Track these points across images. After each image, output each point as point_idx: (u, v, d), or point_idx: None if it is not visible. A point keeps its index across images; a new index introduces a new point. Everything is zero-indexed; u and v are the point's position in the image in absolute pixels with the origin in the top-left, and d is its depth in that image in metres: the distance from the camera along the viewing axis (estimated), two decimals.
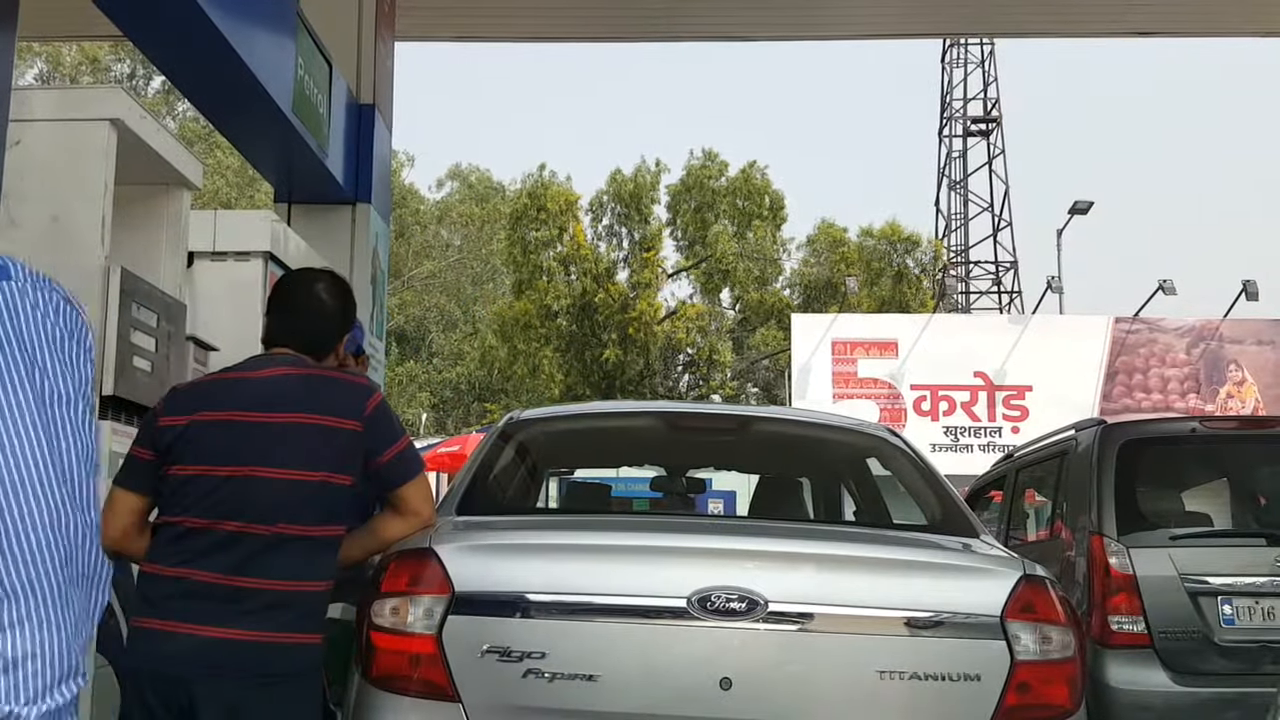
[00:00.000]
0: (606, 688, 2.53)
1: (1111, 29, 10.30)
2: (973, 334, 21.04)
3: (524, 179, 31.96)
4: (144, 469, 2.59)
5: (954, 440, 19.82)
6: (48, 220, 3.60)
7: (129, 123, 3.73)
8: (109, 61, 32.50)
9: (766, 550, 2.74)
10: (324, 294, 2.79)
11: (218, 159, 30.39)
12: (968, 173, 35.70)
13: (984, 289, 35.19)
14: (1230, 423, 8.19)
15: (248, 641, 2.43)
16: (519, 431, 3.76)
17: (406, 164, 38.16)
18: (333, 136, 6.85)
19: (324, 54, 6.59)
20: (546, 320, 28.66)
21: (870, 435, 4.13)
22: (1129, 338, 20.27)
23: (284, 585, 2.48)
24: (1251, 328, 20.51)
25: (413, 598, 2.59)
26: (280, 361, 2.68)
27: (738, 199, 31.24)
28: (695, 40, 11.90)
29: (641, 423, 4.42)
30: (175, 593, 2.46)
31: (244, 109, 5.83)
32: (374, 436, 2.61)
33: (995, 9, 10.22)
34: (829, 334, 20.48)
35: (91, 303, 3.58)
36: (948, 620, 2.59)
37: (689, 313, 30.41)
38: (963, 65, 35.67)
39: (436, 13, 9.58)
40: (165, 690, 2.41)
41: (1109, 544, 4.42)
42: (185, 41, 4.99)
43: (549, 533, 3.07)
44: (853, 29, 10.60)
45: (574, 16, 9.96)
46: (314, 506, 2.53)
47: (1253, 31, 10.22)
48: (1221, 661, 4.29)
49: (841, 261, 31.24)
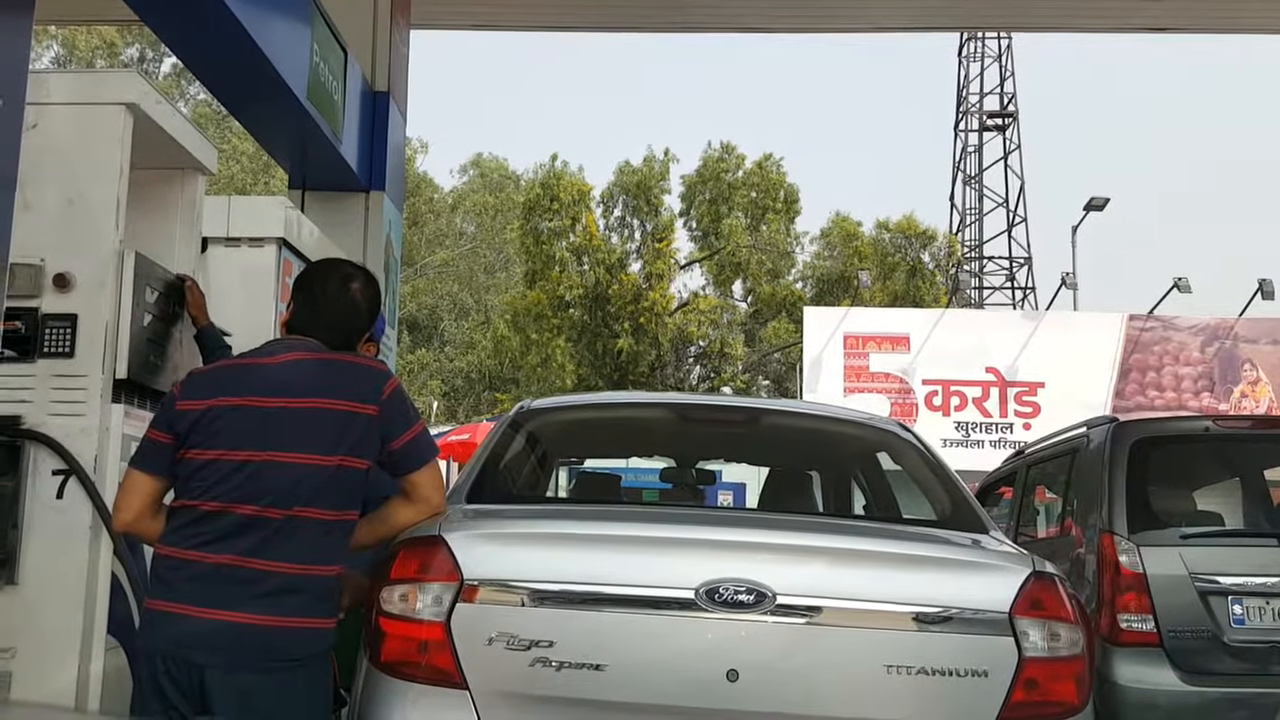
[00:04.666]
0: (614, 677, 2.54)
1: (1128, 24, 10.26)
2: (985, 329, 20.96)
3: (536, 169, 31.97)
4: (160, 452, 2.60)
5: (965, 436, 19.76)
6: (63, 204, 3.61)
7: (144, 107, 3.73)
8: (120, 45, 32.55)
9: (775, 543, 2.73)
10: (359, 294, 2.78)
11: (233, 145, 30.46)
12: (983, 168, 35.58)
13: (998, 284, 35.09)
14: (1244, 422, 8.14)
15: (259, 625, 2.44)
16: (529, 421, 3.76)
17: (421, 151, 38.18)
18: (347, 124, 6.86)
19: (339, 41, 6.60)
20: (559, 311, 28.67)
21: (881, 429, 4.12)
22: (1143, 335, 20.17)
23: (296, 569, 2.49)
24: (1266, 327, 20.39)
25: (422, 585, 2.60)
26: (297, 346, 2.69)
27: (752, 192, 31.18)
28: (710, 31, 11.86)
29: (652, 414, 4.42)
30: (189, 576, 2.47)
31: (260, 96, 5.85)
32: (389, 421, 2.62)
33: (1012, 3, 10.19)
34: (841, 328, 20.43)
35: (105, 287, 3.59)
36: (956, 616, 2.59)
37: (701, 305, 30.38)
38: (979, 60, 35.52)
39: (451, 1, 9.58)
40: (177, 672, 2.42)
41: (1119, 542, 4.40)
42: (202, 28, 5.01)
43: (558, 522, 3.08)
44: (869, 21, 10.56)
45: (588, 6, 9.95)
46: (331, 491, 2.54)
47: (1270, 29, 10.16)
48: (1231, 661, 4.28)
49: (855, 255, 31.16)
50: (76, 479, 3.48)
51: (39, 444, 3.50)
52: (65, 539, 3.46)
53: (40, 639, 3.39)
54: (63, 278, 3.57)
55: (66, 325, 3.56)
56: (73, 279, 3.58)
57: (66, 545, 3.46)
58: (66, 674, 3.38)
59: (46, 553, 3.45)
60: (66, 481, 3.49)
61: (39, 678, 3.36)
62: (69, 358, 3.56)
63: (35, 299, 3.56)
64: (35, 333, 3.55)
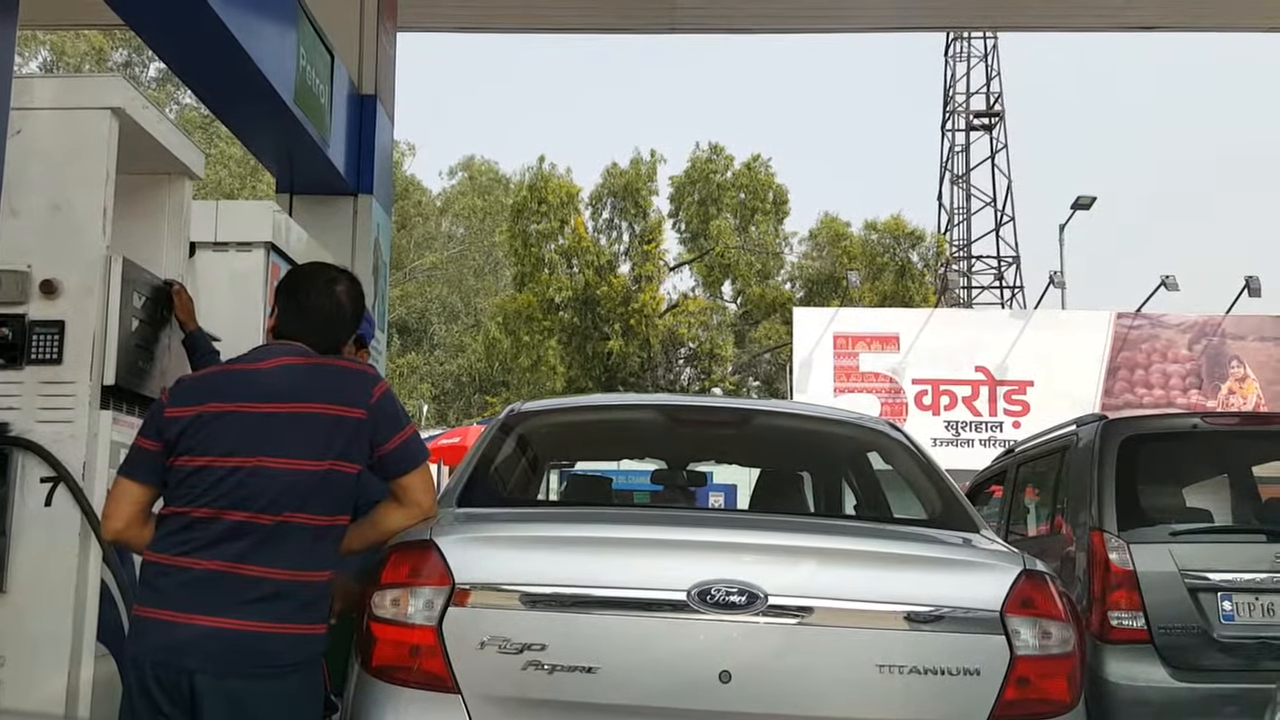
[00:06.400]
0: (606, 680, 2.54)
1: (1114, 23, 10.30)
2: (974, 329, 21.01)
3: (525, 171, 31.95)
4: (149, 460, 2.59)
5: (955, 435, 19.80)
6: (49, 209, 3.60)
7: (130, 111, 3.72)
8: (107, 51, 32.41)
9: (766, 544, 2.73)
10: (343, 296, 2.77)
11: (220, 149, 30.35)
12: (970, 167, 35.67)
13: (986, 284, 35.18)
14: (1232, 419, 8.17)
15: (249, 631, 2.43)
16: (520, 424, 3.75)
17: (409, 155, 38.12)
18: (334, 127, 6.85)
19: (326, 44, 6.59)
20: (549, 313, 28.65)
21: (871, 429, 4.13)
22: (1131, 333, 20.24)
23: (286, 574, 2.48)
24: (1254, 324, 20.47)
25: (413, 589, 2.60)
26: (285, 351, 2.68)
27: (741, 193, 31.19)
28: (697, 33, 11.86)
29: (643, 416, 4.41)
30: (178, 582, 2.46)
31: (246, 100, 5.83)
32: (379, 425, 2.61)
33: (997, 2, 10.21)
34: (831, 328, 20.45)
35: (93, 293, 3.57)
36: (947, 614, 2.59)
37: (691, 306, 30.39)
38: (965, 59, 35.61)
39: (438, 3, 9.56)
40: (167, 679, 2.41)
41: (1109, 539, 4.42)
42: (187, 32, 4.99)
43: (550, 525, 3.07)
44: (855, 22, 10.58)
45: (575, 7, 9.94)
46: (321, 496, 2.53)
47: (1255, 26, 10.21)
48: (1221, 657, 4.29)
49: (844, 255, 31.20)
50: (65, 486, 3.46)
51: (27, 451, 3.48)
52: (54, 546, 3.44)
53: (29, 647, 3.37)
54: (50, 284, 3.56)
55: (54, 331, 3.55)
56: (60, 285, 3.56)
57: (55, 553, 3.44)
58: (56, 682, 3.36)
59: (35, 560, 3.43)
60: (55, 489, 3.47)
61: (28, 685, 3.34)
62: (57, 364, 3.54)
63: (22, 305, 3.54)
64: (23, 339, 3.54)
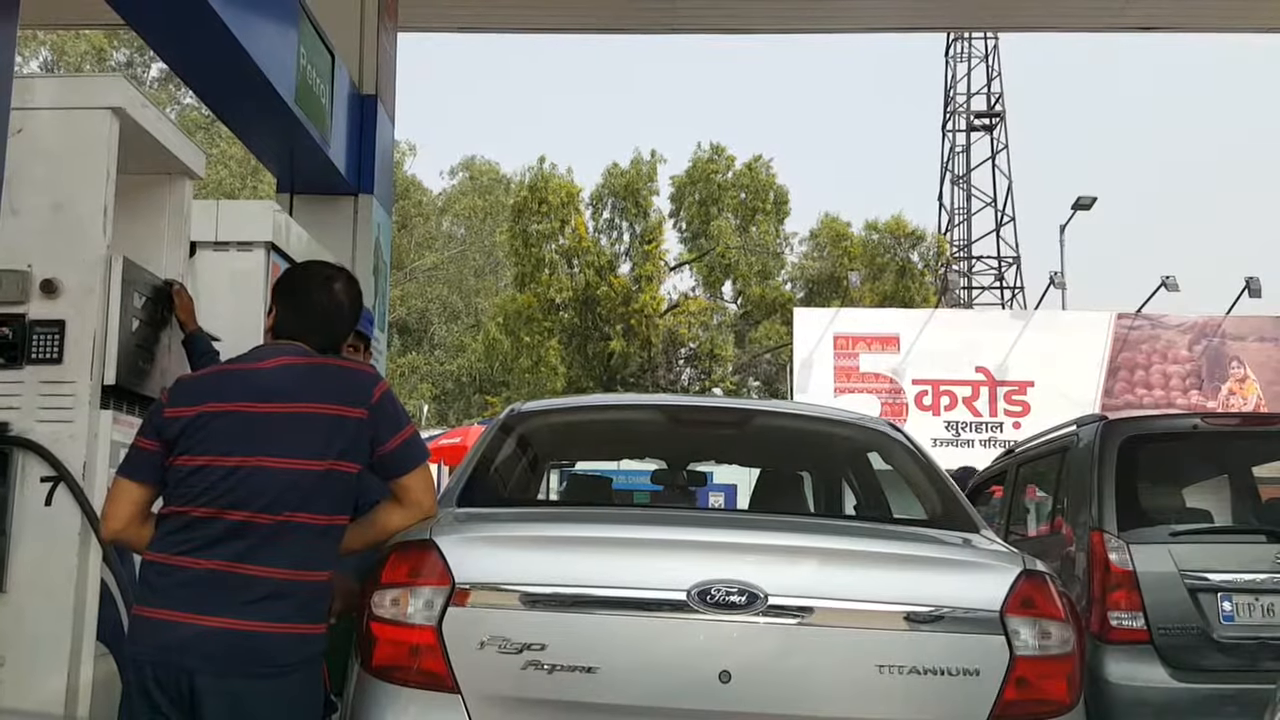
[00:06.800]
0: (606, 680, 2.54)
1: (1114, 23, 10.30)
2: (975, 329, 21.01)
3: (525, 171, 31.96)
4: (148, 459, 2.59)
5: (955, 435, 19.80)
6: (49, 209, 3.60)
7: (131, 111, 3.72)
8: (108, 51, 32.42)
9: (766, 544, 2.73)
10: (341, 294, 2.77)
11: (221, 149, 30.36)
12: (971, 168, 35.66)
13: (986, 284, 35.17)
14: (1232, 420, 8.18)
15: (249, 631, 2.43)
16: (520, 424, 3.75)
17: (409, 154, 38.12)
18: (335, 127, 6.86)
19: (326, 44, 6.59)
20: (550, 313, 28.65)
21: (871, 429, 4.13)
22: (1131, 334, 20.24)
23: (286, 574, 2.48)
24: (1254, 324, 20.48)
25: (413, 589, 2.60)
26: (285, 351, 2.68)
27: (742, 193, 31.19)
28: (697, 33, 11.86)
29: (643, 416, 4.41)
30: (178, 582, 2.46)
31: (247, 100, 5.84)
32: (379, 424, 2.61)
33: (998, 2, 10.22)
34: (831, 328, 20.45)
35: (93, 292, 3.58)
36: (947, 615, 2.59)
37: (691, 307, 30.39)
38: (966, 60, 35.60)
39: (438, 3, 9.57)
40: (167, 679, 2.41)
41: (1109, 540, 4.42)
42: (188, 32, 5.00)
43: (549, 525, 3.07)
44: (856, 22, 10.59)
45: (575, 8, 9.95)
46: (321, 495, 2.53)
47: (1255, 26, 10.21)
48: (1220, 658, 4.29)
49: (844, 256, 31.20)
50: (65, 486, 3.46)
51: (27, 451, 3.48)
52: (54, 546, 3.44)
53: (29, 646, 3.37)
54: (50, 284, 3.56)
55: (54, 331, 3.55)
56: (60, 285, 3.56)
57: (55, 552, 3.44)
58: (55, 681, 3.36)
59: (35, 560, 3.43)
60: (55, 488, 3.47)
61: (28, 685, 3.34)
62: (57, 364, 3.54)
63: (23, 305, 3.54)
64: (23, 339, 3.54)
